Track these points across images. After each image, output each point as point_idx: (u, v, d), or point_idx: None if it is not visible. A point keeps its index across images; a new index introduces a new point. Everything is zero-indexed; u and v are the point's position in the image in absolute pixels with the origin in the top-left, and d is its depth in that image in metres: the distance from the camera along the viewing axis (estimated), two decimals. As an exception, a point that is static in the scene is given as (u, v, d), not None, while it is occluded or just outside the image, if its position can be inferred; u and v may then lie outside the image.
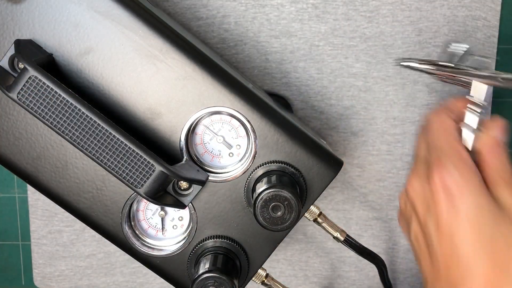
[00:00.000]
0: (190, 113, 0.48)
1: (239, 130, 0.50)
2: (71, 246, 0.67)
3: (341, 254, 0.68)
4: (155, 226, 0.52)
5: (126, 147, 0.44)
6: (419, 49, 0.63)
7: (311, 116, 0.64)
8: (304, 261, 0.68)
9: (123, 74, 0.47)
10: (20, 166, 0.49)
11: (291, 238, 0.67)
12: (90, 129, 0.43)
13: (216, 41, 0.62)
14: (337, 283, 0.68)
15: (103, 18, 0.46)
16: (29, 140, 0.48)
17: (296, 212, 0.46)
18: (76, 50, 0.47)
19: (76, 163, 0.49)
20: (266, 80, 0.63)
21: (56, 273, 0.68)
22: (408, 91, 0.64)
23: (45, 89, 0.43)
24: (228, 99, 0.48)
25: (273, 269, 0.68)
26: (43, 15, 0.47)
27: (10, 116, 0.48)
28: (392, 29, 0.62)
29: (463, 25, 0.62)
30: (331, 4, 0.62)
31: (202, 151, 0.50)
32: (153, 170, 0.44)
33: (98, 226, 0.50)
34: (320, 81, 0.64)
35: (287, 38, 0.62)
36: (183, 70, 0.47)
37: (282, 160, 0.49)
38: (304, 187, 0.49)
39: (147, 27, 0.47)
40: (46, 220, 0.66)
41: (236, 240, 0.51)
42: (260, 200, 0.46)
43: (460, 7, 0.62)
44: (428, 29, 0.62)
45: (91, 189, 0.49)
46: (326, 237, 0.67)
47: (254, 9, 0.62)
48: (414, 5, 0.62)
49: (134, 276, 0.68)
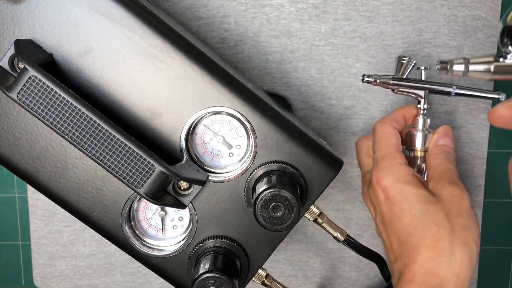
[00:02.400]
0: (190, 113, 0.48)
1: (239, 130, 0.50)
2: (71, 246, 0.67)
3: (341, 254, 0.68)
4: (155, 226, 0.52)
5: (126, 147, 0.44)
6: (419, 49, 0.63)
7: (311, 116, 0.64)
8: (304, 261, 0.68)
9: (123, 74, 0.47)
10: (20, 166, 0.49)
11: (291, 238, 0.67)
12: (90, 129, 0.43)
13: (216, 41, 0.62)
14: (337, 283, 0.68)
15: (103, 18, 0.46)
16: (29, 140, 0.48)
17: (296, 212, 0.46)
18: (76, 50, 0.47)
19: (76, 163, 0.49)
20: (266, 80, 0.63)
21: (56, 273, 0.68)
22: (408, 91, 0.64)
23: (45, 89, 0.43)
24: (228, 99, 0.48)
25: (273, 269, 0.68)
26: (43, 15, 0.47)
27: (10, 116, 0.48)
28: (392, 29, 0.62)
29: (463, 25, 0.62)
30: (331, 4, 0.62)
31: (202, 151, 0.50)
32: (153, 170, 0.44)
33: (98, 226, 0.50)
34: (320, 81, 0.64)
35: (287, 38, 0.62)
36: (183, 70, 0.47)
37: (282, 160, 0.49)
38: (304, 187, 0.49)
39: (147, 27, 0.47)
40: (46, 220, 0.66)
41: (236, 240, 0.51)
42: (260, 200, 0.46)
43: (460, 7, 0.62)
44: (428, 29, 0.62)
45: (91, 189, 0.49)
46: (326, 237, 0.67)
47: (254, 9, 0.62)
48: (414, 5, 0.62)
49: (134, 276, 0.68)
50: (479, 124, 0.64)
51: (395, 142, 0.53)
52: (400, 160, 0.52)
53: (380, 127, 0.54)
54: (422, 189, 0.50)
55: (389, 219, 0.50)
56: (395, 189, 0.50)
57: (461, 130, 0.65)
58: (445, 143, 0.53)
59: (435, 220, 0.48)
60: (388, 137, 0.53)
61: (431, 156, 0.53)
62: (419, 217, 0.48)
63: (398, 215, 0.49)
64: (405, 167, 0.51)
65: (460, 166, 0.66)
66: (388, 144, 0.53)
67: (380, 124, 0.54)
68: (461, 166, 0.66)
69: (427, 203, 0.49)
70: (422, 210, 0.49)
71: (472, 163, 0.66)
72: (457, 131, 0.65)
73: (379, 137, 0.53)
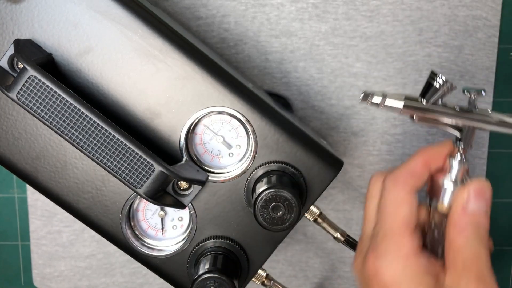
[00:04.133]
0: (190, 113, 0.48)
1: (239, 130, 0.50)
2: (70, 247, 0.67)
3: (342, 254, 0.68)
4: (155, 226, 0.52)
5: (125, 147, 0.44)
6: (420, 49, 0.62)
7: (311, 116, 0.64)
8: (304, 262, 0.68)
9: (122, 73, 0.47)
10: (19, 166, 0.49)
11: (291, 239, 0.67)
12: (89, 129, 0.43)
13: (216, 41, 0.62)
14: (337, 283, 0.68)
15: (103, 17, 0.46)
16: (29, 140, 0.48)
17: (296, 212, 0.46)
18: (75, 49, 0.47)
19: (76, 163, 0.49)
20: (266, 80, 0.63)
21: (55, 273, 0.68)
22: (409, 91, 0.64)
23: (44, 89, 0.43)
24: (228, 99, 0.48)
25: (273, 269, 0.68)
26: (42, 15, 0.46)
27: (10, 116, 0.48)
28: (393, 28, 0.62)
29: (464, 24, 0.62)
30: (331, 3, 0.61)
31: (202, 151, 0.50)
32: (153, 170, 0.44)
33: (97, 226, 0.50)
34: (321, 81, 0.63)
35: (287, 37, 0.62)
36: (183, 70, 0.47)
37: (282, 160, 0.49)
38: (304, 187, 0.49)
39: (147, 26, 0.46)
40: (45, 221, 0.66)
41: (236, 241, 0.51)
42: (260, 200, 0.46)
43: (460, 7, 0.62)
44: (428, 29, 0.62)
45: (91, 189, 0.49)
46: (326, 237, 0.67)
47: (254, 8, 0.62)
48: (414, 4, 0.62)
49: (134, 276, 0.68)
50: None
51: (408, 217, 0.38)
52: (409, 247, 0.38)
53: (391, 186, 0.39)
54: (428, 285, 0.37)
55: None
56: (395, 284, 0.37)
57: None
58: (479, 209, 0.37)
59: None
60: (398, 207, 0.38)
61: (456, 229, 0.37)
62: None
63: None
64: (415, 259, 0.38)
65: (461, 166, 0.65)
66: (397, 218, 0.38)
67: (392, 182, 0.39)
68: (461, 166, 0.65)
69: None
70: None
71: (472, 163, 0.65)
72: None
73: (386, 202, 0.39)
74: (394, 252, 0.38)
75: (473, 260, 0.37)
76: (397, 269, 0.37)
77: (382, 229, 0.39)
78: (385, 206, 0.39)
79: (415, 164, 0.39)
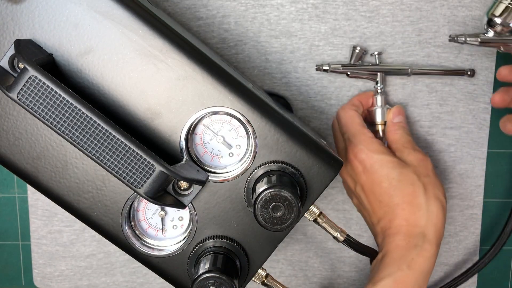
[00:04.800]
0: (190, 113, 0.48)
1: (239, 130, 0.50)
2: (71, 246, 0.67)
3: (341, 254, 0.68)
4: (155, 226, 0.52)
5: (126, 147, 0.44)
6: (419, 49, 0.63)
7: (311, 116, 0.64)
8: (304, 261, 0.68)
9: (123, 74, 0.47)
10: (20, 166, 0.49)
11: (291, 238, 0.67)
12: (90, 129, 0.43)
13: (216, 41, 0.62)
14: (337, 283, 0.68)
15: (103, 18, 0.46)
16: (29, 140, 0.48)
17: (296, 212, 0.46)
18: (76, 50, 0.47)
19: (76, 163, 0.49)
20: (266, 80, 0.63)
21: (56, 273, 0.68)
22: (408, 91, 0.64)
23: (45, 89, 0.43)
24: (228, 99, 0.48)
25: (273, 269, 0.68)
26: (43, 15, 0.47)
27: (10, 116, 0.48)
28: (392, 29, 0.62)
29: (463, 25, 0.62)
30: (331, 4, 0.62)
31: (202, 151, 0.50)
32: (153, 170, 0.44)
33: (98, 226, 0.50)
34: (320, 81, 0.64)
35: (287, 38, 0.62)
36: (183, 70, 0.47)
37: (282, 160, 0.49)
38: (304, 187, 0.49)
39: (147, 27, 0.47)
40: (46, 220, 0.66)
41: (236, 240, 0.51)
42: (260, 200, 0.46)
43: (460, 7, 0.62)
44: (428, 29, 0.62)
45: (91, 189, 0.49)
46: (326, 237, 0.67)
47: (254, 9, 0.62)
48: (414, 5, 0.62)
49: (134, 276, 0.68)
50: (479, 124, 0.64)
51: (360, 121, 0.59)
52: (370, 134, 0.58)
53: (343, 112, 0.61)
54: (393, 156, 0.57)
55: (370, 186, 0.56)
56: (371, 160, 0.56)
57: (461, 130, 0.65)
58: (400, 120, 0.61)
59: (410, 181, 0.55)
60: (353, 118, 0.59)
61: (391, 132, 0.61)
62: (396, 180, 0.55)
63: (378, 181, 0.56)
64: (375, 140, 0.58)
65: (460, 166, 0.66)
66: (354, 123, 0.59)
67: (343, 110, 0.61)
68: (461, 166, 0.66)
69: (400, 167, 0.56)
70: (397, 174, 0.56)
71: (472, 163, 0.66)
72: (457, 131, 0.65)
73: (345, 120, 0.60)
74: (362, 138, 0.57)
75: (407, 142, 0.59)
76: (367, 145, 0.57)
77: (349, 133, 0.59)
78: (345, 122, 0.60)
79: (353, 100, 0.63)
